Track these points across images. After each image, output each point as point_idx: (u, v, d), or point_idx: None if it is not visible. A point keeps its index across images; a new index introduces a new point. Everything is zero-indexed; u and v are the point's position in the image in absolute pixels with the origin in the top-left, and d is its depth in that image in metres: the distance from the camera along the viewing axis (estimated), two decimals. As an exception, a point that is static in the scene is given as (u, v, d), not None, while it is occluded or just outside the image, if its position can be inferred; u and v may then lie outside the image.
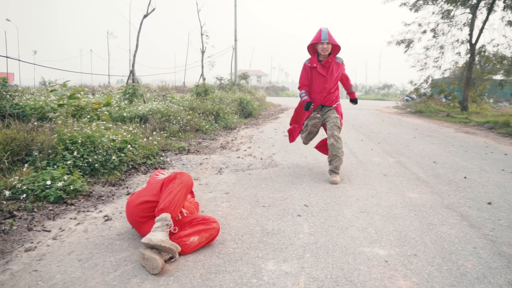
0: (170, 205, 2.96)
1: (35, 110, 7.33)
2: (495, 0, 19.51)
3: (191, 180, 3.28)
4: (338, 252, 3.13)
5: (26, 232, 3.43)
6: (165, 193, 3.06)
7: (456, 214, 4.15)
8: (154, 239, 2.75)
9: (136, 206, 3.18)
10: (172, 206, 2.97)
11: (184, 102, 12.13)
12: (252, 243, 3.29)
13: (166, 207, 2.95)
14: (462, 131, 12.89)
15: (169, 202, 2.97)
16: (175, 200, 3.00)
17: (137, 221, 3.22)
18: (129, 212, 3.27)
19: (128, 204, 3.31)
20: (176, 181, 3.12)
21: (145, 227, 3.18)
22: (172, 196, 3.00)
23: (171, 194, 3.01)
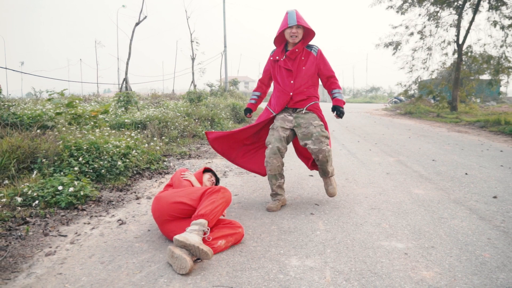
0: (210, 214, 3.02)
1: (33, 119, 7.31)
2: (480, 1, 19.80)
3: (231, 198, 3.37)
4: (358, 247, 3.17)
5: (42, 237, 3.43)
6: (207, 201, 3.11)
7: (465, 208, 4.22)
8: (191, 240, 2.77)
9: (171, 204, 3.21)
10: (212, 215, 3.03)
11: (179, 108, 12.13)
12: (272, 241, 3.32)
13: (206, 214, 3.00)
14: (455, 130, 13.04)
15: (210, 211, 3.03)
16: (215, 211, 3.06)
17: (164, 218, 3.25)
18: (158, 206, 3.30)
19: (159, 199, 3.33)
20: (220, 194, 3.19)
21: (170, 226, 3.23)
22: (213, 207, 3.06)
23: (213, 204, 3.07)
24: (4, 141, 5.21)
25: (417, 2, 21.78)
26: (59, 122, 6.81)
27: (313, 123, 4.22)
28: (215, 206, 3.07)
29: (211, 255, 2.79)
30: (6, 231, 3.49)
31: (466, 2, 20.26)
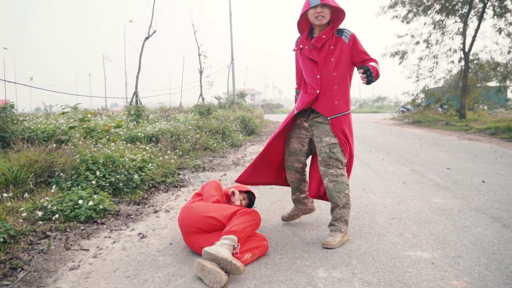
0: (241, 232, 3.01)
1: (47, 133, 7.35)
2: (485, 9, 19.83)
3: (260, 222, 3.37)
4: (383, 257, 3.14)
5: (65, 252, 3.42)
6: (238, 219, 3.11)
7: (487, 216, 4.18)
8: (223, 253, 2.75)
9: (201, 217, 3.21)
10: (242, 234, 3.01)
11: (190, 121, 12.17)
12: (296, 253, 3.29)
13: (238, 231, 2.99)
14: (465, 138, 12.98)
15: (242, 229, 3.02)
16: (246, 230, 3.06)
17: (192, 229, 3.25)
18: (188, 216, 3.30)
19: (189, 209, 3.34)
20: (251, 216, 3.19)
21: (195, 237, 3.23)
22: (245, 226, 3.06)
23: (244, 224, 3.07)
24: (22, 155, 5.24)
25: (422, 11, 21.86)
26: (74, 136, 6.84)
27: (324, 139, 3.51)
28: (246, 226, 3.07)
29: (243, 270, 2.76)
30: (28, 245, 3.49)
31: (471, 10, 20.31)
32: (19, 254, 3.27)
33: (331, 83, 3.49)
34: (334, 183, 3.49)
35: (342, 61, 3.48)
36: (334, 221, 3.56)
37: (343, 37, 3.49)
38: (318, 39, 3.51)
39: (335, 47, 3.48)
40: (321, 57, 3.51)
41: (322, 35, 3.50)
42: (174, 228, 4.02)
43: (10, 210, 4.19)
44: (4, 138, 6.82)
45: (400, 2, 22.19)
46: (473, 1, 20.07)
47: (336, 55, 3.47)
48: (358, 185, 5.87)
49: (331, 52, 3.48)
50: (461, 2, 20.62)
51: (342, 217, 3.54)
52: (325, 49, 3.50)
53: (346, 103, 3.56)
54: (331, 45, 3.49)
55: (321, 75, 3.51)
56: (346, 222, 3.56)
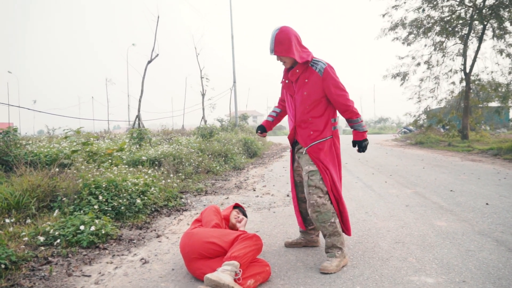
0: (243, 257, 3.02)
1: (50, 157, 7.37)
2: (485, 30, 20.01)
3: (262, 247, 3.38)
4: (387, 283, 3.11)
5: (66, 278, 3.40)
6: (240, 245, 3.12)
7: (491, 240, 4.15)
8: (224, 279, 2.75)
9: (203, 243, 3.20)
10: (244, 259, 3.02)
11: (193, 144, 12.18)
12: (299, 279, 3.27)
13: (239, 256, 3.00)
14: (468, 159, 12.96)
15: (244, 255, 3.03)
16: (247, 255, 3.06)
17: (194, 255, 3.25)
18: (189, 243, 3.29)
19: (191, 236, 3.34)
20: (253, 241, 3.20)
21: (197, 263, 3.22)
22: (246, 251, 3.07)
23: (246, 249, 3.08)
24: (24, 179, 5.25)
25: (422, 33, 22.04)
26: (77, 160, 6.86)
27: (304, 168, 3.62)
28: (248, 251, 3.08)
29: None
30: (30, 272, 3.47)
31: (470, 31, 20.49)
32: (20, 280, 3.26)
33: (306, 115, 3.59)
34: (317, 214, 3.50)
35: (315, 93, 3.53)
36: (328, 248, 3.57)
37: (316, 70, 3.51)
38: (292, 73, 3.59)
39: (309, 80, 3.53)
40: (297, 91, 3.61)
41: (296, 69, 3.57)
42: (176, 253, 4.00)
43: (12, 235, 4.18)
44: (7, 162, 6.83)
45: (401, 25, 22.39)
46: (473, 23, 20.26)
47: (308, 88, 3.53)
48: (361, 208, 5.85)
49: (304, 85, 3.54)
50: (461, 24, 20.83)
51: (334, 244, 3.53)
52: (299, 82, 3.58)
53: (323, 131, 3.59)
54: (305, 78, 3.54)
55: (296, 108, 3.64)
56: (340, 248, 3.53)
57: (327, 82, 3.48)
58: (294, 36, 3.49)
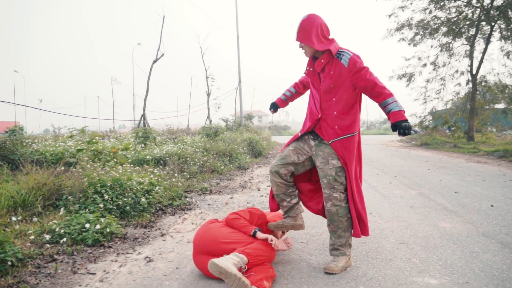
0: (254, 257, 3.06)
1: (55, 155, 7.41)
2: (492, 31, 19.94)
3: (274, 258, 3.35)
4: (390, 283, 3.12)
5: (71, 275, 3.42)
6: (256, 245, 3.17)
7: (496, 242, 4.15)
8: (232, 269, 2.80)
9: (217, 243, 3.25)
10: (254, 259, 3.06)
11: (198, 144, 12.21)
12: (303, 278, 3.28)
13: (250, 254, 3.04)
14: (474, 161, 12.92)
15: (255, 255, 3.07)
16: (258, 258, 3.10)
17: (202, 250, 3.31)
18: (203, 236, 3.33)
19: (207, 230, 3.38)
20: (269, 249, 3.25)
21: (203, 258, 3.26)
22: (259, 253, 3.11)
23: (259, 251, 3.12)
24: (30, 178, 5.28)
25: (428, 34, 22.01)
26: (82, 159, 6.89)
27: (331, 162, 3.46)
28: (261, 254, 3.11)
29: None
30: (36, 269, 3.50)
31: (477, 32, 20.44)
32: (26, 277, 3.29)
33: (331, 109, 3.45)
34: (337, 208, 3.44)
35: (342, 86, 3.40)
36: (339, 246, 3.50)
37: (342, 60, 3.36)
38: (318, 63, 3.45)
39: (334, 72, 3.39)
40: (321, 82, 3.49)
41: (321, 60, 3.43)
42: (180, 252, 4.02)
43: (18, 233, 4.22)
44: (13, 161, 6.88)
45: (407, 25, 22.38)
46: (480, 24, 20.21)
47: (334, 80, 3.39)
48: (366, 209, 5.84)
49: (330, 77, 3.41)
50: (467, 25, 20.77)
51: (347, 241, 3.50)
52: (325, 73, 3.45)
53: (350, 127, 3.44)
54: (330, 70, 3.41)
55: (321, 100, 3.50)
56: (350, 245, 3.53)
57: (353, 70, 3.32)
58: (319, 25, 3.37)
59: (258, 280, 2.96)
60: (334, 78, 3.39)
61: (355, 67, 3.30)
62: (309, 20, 3.37)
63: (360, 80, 3.32)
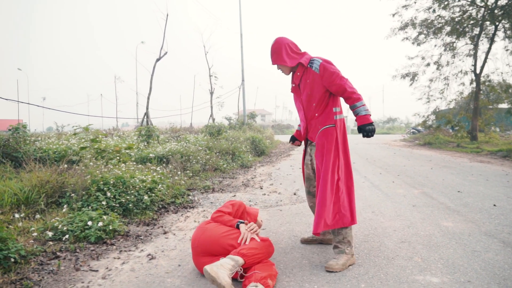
0: (250, 257, 3.03)
1: (59, 153, 7.44)
2: (496, 31, 19.89)
3: (273, 253, 3.38)
4: (392, 282, 3.12)
5: (74, 272, 3.44)
6: (252, 245, 3.15)
7: (498, 241, 4.14)
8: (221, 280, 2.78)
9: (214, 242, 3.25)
10: (251, 259, 3.03)
11: (200, 142, 12.23)
12: (304, 276, 3.29)
13: (246, 255, 3.01)
14: (477, 161, 12.89)
15: (252, 255, 3.05)
16: (255, 256, 3.07)
17: (201, 251, 3.29)
18: (201, 237, 3.32)
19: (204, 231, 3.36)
20: (266, 244, 3.25)
21: (203, 259, 3.26)
22: (255, 252, 3.08)
23: (255, 250, 3.10)
24: (33, 175, 5.30)
25: (432, 33, 21.96)
26: (85, 157, 6.91)
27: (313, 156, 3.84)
28: (257, 252, 3.09)
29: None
30: (39, 266, 3.51)
31: (481, 32, 20.38)
32: (29, 274, 3.30)
33: (313, 112, 3.74)
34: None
35: (316, 91, 3.66)
36: (338, 243, 3.57)
37: (313, 68, 3.64)
38: (295, 78, 3.81)
39: (309, 79, 3.68)
40: (302, 92, 3.78)
41: (297, 73, 3.78)
42: (183, 250, 4.04)
43: (21, 230, 4.24)
44: (16, 158, 6.90)
45: (411, 24, 22.32)
46: (484, 24, 20.15)
47: (310, 87, 3.68)
48: (368, 207, 5.85)
49: (307, 85, 3.70)
50: (471, 24, 20.71)
51: (345, 238, 3.55)
52: (302, 84, 3.75)
53: (326, 120, 3.67)
54: (306, 79, 3.70)
55: (304, 108, 3.81)
56: (349, 243, 3.56)
57: (324, 75, 3.58)
58: (286, 44, 3.73)
59: (262, 278, 2.96)
60: (309, 85, 3.69)
61: (326, 72, 3.58)
62: (277, 43, 3.74)
63: (331, 85, 3.58)
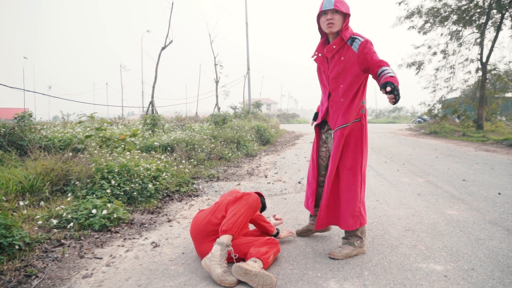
0: (233, 227, 2.98)
1: (64, 141, 7.46)
2: (503, 19, 19.69)
3: (258, 201, 3.21)
4: (395, 269, 3.12)
5: (78, 260, 3.45)
6: (229, 213, 3.10)
7: (502, 229, 4.13)
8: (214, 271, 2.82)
9: (204, 225, 3.25)
10: (235, 228, 2.98)
11: (206, 131, 12.23)
12: (308, 264, 3.29)
13: (228, 229, 2.97)
14: (482, 149, 12.84)
15: (232, 224, 2.98)
16: (238, 222, 3.00)
17: (198, 237, 3.30)
18: (194, 227, 3.34)
19: (195, 220, 3.39)
20: (242, 201, 3.14)
21: (202, 247, 3.24)
22: (236, 218, 3.01)
23: (235, 216, 3.03)
24: (38, 163, 5.32)
25: (438, 22, 21.78)
26: (90, 145, 6.93)
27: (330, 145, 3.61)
28: (238, 216, 3.01)
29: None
30: (43, 253, 3.53)
31: (488, 20, 20.18)
32: (33, 261, 3.32)
33: (338, 96, 3.43)
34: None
35: (349, 72, 3.33)
36: (348, 235, 3.52)
37: (353, 46, 3.30)
38: (329, 49, 3.39)
39: (345, 57, 3.33)
40: (331, 68, 3.43)
41: (332, 45, 3.37)
42: (187, 238, 4.04)
43: (26, 218, 4.26)
44: (21, 146, 6.93)
45: (417, 13, 22.16)
46: (490, 12, 19.95)
47: (343, 66, 3.34)
48: (372, 196, 5.84)
49: (340, 63, 3.36)
50: (478, 12, 20.51)
51: (355, 232, 3.50)
52: (335, 59, 3.39)
53: (352, 114, 3.39)
54: (341, 56, 3.35)
55: (330, 87, 3.48)
56: (360, 238, 3.50)
57: (363, 58, 3.25)
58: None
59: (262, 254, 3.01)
60: (343, 63, 3.34)
61: (364, 50, 3.25)
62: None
63: (369, 63, 3.23)
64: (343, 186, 3.43)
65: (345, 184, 3.43)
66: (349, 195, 3.42)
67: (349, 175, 3.42)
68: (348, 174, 3.42)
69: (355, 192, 3.43)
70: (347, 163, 3.41)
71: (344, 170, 3.42)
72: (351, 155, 3.41)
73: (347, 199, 3.43)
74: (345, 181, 3.42)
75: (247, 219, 3.10)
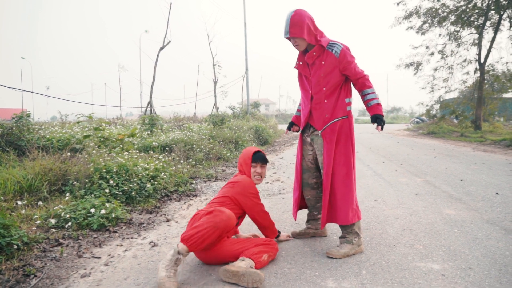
0: (189, 239, 2.91)
1: (62, 141, 7.46)
2: (501, 20, 19.72)
3: (227, 222, 3.03)
4: (393, 268, 3.13)
5: (77, 259, 3.46)
6: (194, 225, 3.06)
7: (499, 229, 4.14)
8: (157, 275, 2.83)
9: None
10: (191, 241, 2.90)
11: (204, 131, 12.24)
12: (306, 263, 3.30)
13: (185, 239, 2.92)
14: (480, 150, 12.86)
15: (189, 236, 2.91)
16: (196, 236, 2.91)
17: None
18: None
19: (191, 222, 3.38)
20: (210, 217, 3.02)
21: None
22: (195, 231, 2.93)
23: (196, 229, 2.94)
24: (37, 163, 5.32)
25: (437, 23, 21.80)
26: (88, 145, 6.93)
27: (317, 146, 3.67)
28: (197, 231, 2.92)
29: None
30: (41, 253, 3.54)
31: (486, 21, 20.20)
32: (32, 261, 3.32)
33: (321, 97, 3.56)
34: None
35: (331, 75, 3.50)
36: (346, 233, 3.55)
37: (333, 51, 3.47)
38: (309, 56, 3.55)
39: (326, 62, 3.49)
40: (312, 73, 3.58)
41: (313, 52, 3.53)
42: (185, 237, 4.05)
43: (24, 217, 4.27)
44: (20, 147, 6.93)
45: (415, 13, 22.17)
46: (488, 13, 19.97)
47: (324, 69, 3.50)
48: (370, 195, 5.86)
49: (321, 67, 3.51)
50: (476, 13, 20.52)
51: (352, 229, 3.53)
52: (316, 65, 3.55)
53: (337, 112, 3.54)
54: (322, 61, 3.51)
55: (312, 90, 3.61)
56: (357, 234, 3.53)
57: (343, 63, 3.44)
58: (309, 19, 3.46)
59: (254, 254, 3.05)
60: (324, 67, 3.50)
61: (345, 58, 3.44)
62: (299, 15, 3.44)
63: (349, 70, 3.49)
64: (339, 181, 3.50)
65: (341, 179, 3.50)
66: (346, 189, 3.49)
67: (343, 170, 3.50)
68: (342, 169, 3.50)
69: (350, 185, 3.51)
70: (341, 159, 3.50)
71: (338, 166, 3.50)
72: (343, 151, 3.52)
73: (344, 193, 3.49)
74: (340, 176, 3.50)
75: (209, 237, 2.95)
